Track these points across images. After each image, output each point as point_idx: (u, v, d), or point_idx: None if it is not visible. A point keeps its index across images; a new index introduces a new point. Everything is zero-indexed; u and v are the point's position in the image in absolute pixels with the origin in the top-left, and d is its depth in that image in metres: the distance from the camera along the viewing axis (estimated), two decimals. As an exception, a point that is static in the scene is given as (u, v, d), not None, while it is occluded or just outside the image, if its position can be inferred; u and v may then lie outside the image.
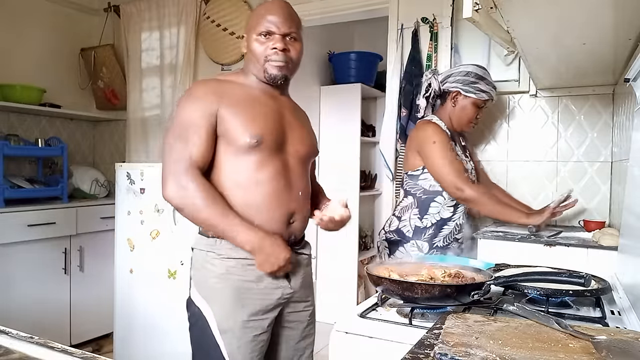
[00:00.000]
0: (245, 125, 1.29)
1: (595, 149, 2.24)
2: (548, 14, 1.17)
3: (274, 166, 1.32)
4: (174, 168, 1.27)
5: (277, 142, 1.34)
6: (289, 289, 1.37)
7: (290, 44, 1.36)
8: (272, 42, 1.33)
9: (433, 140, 1.93)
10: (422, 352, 0.72)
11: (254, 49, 1.35)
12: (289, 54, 1.35)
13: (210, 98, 1.30)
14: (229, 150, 1.31)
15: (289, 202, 1.34)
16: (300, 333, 1.45)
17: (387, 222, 2.11)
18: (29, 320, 2.62)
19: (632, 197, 1.27)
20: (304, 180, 1.42)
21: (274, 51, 1.33)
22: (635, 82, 1.31)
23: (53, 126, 3.43)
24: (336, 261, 3.63)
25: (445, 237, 1.99)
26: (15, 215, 2.65)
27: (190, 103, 1.31)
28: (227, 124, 1.29)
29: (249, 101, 1.34)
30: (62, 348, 0.66)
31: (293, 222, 1.37)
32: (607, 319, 1.01)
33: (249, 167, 1.30)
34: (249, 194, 1.30)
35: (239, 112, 1.30)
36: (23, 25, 3.20)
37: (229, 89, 1.34)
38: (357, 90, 3.52)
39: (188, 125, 1.28)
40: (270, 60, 1.33)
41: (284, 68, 1.35)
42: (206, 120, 1.29)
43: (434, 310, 1.04)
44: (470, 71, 1.99)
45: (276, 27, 1.33)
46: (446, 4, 2.43)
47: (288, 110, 1.42)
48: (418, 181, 1.99)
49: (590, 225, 2.03)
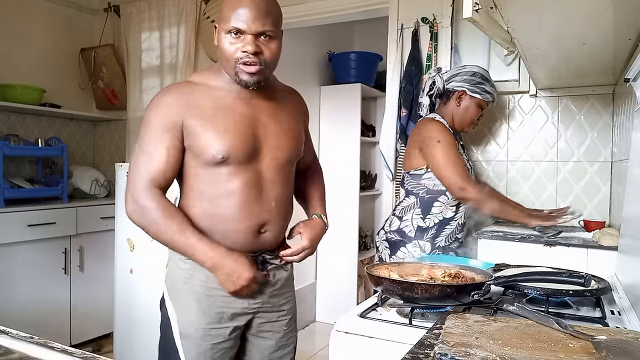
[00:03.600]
0: (211, 140, 1.21)
1: (595, 149, 2.24)
2: (548, 14, 1.16)
3: (245, 177, 1.24)
4: (134, 185, 1.21)
5: (247, 154, 1.24)
6: (255, 300, 1.31)
7: (264, 44, 1.20)
8: (242, 42, 1.19)
9: (437, 140, 1.92)
10: (422, 352, 0.72)
11: (223, 47, 1.22)
12: (263, 57, 1.20)
13: (177, 109, 1.22)
14: (197, 163, 1.24)
15: (259, 213, 1.27)
16: (275, 343, 1.38)
17: (387, 222, 2.10)
18: (29, 320, 2.62)
19: (632, 197, 1.27)
20: (281, 188, 1.32)
21: (244, 54, 1.18)
22: (635, 82, 1.31)
23: (53, 126, 3.43)
24: (336, 261, 3.63)
25: (447, 236, 1.99)
26: (15, 215, 2.65)
27: (155, 113, 1.23)
28: (193, 138, 1.22)
29: (219, 111, 1.24)
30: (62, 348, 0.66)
31: (264, 232, 1.29)
32: (607, 319, 1.01)
33: (217, 179, 1.24)
34: (216, 205, 1.24)
35: (206, 125, 1.22)
36: (23, 25, 3.20)
37: (200, 96, 1.25)
38: (357, 90, 3.52)
39: (151, 138, 1.22)
40: (241, 64, 1.20)
41: (256, 74, 1.21)
42: (170, 134, 1.21)
43: (434, 310, 1.03)
44: (477, 72, 2.00)
45: (247, 25, 1.18)
46: (446, 4, 2.43)
47: (266, 113, 1.30)
48: (421, 180, 1.98)
49: (590, 225, 2.03)
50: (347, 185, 3.57)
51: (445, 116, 2.02)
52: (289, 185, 1.36)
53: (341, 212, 3.57)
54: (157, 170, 1.21)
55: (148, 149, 1.22)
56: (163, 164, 1.22)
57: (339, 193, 3.59)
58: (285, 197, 1.34)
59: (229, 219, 1.24)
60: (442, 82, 2.04)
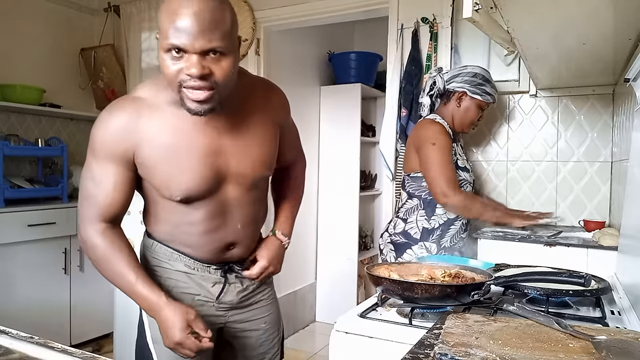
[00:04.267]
0: (167, 181, 1.11)
1: (595, 149, 2.24)
2: (548, 14, 1.16)
3: (207, 209, 1.16)
4: (84, 213, 1.13)
5: (208, 190, 1.14)
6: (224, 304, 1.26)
7: (213, 64, 0.99)
8: (186, 63, 0.97)
9: (432, 142, 1.91)
10: (422, 352, 0.72)
11: (163, 68, 1.01)
12: (214, 78, 1.00)
13: (126, 137, 1.08)
14: (156, 193, 1.16)
15: (225, 236, 1.21)
16: (255, 341, 1.34)
17: (391, 225, 2.08)
18: (29, 320, 2.62)
19: (632, 197, 1.27)
20: (248, 209, 1.23)
21: (188, 77, 0.98)
22: (635, 82, 1.31)
23: (53, 126, 3.43)
24: (336, 261, 3.63)
25: (452, 236, 1.98)
26: (15, 215, 2.65)
27: (102, 140, 1.10)
28: (148, 172, 1.11)
29: (174, 143, 1.09)
30: (62, 348, 0.66)
31: (232, 249, 1.24)
32: (607, 319, 1.01)
33: (177, 210, 1.16)
34: (179, 231, 1.19)
35: (161, 161, 1.09)
36: (23, 25, 3.20)
37: (151, 121, 1.09)
38: (357, 90, 3.52)
39: (98, 166, 1.10)
40: (186, 88, 1.00)
41: (206, 101, 1.01)
42: (118, 165, 1.10)
43: (434, 310, 1.03)
44: (478, 73, 1.99)
45: (189, 41, 0.95)
46: (446, 4, 2.43)
47: (227, 136, 1.14)
48: (423, 182, 1.97)
49: (590, 225, 2.03)
50: (347, 185, 3.57)
51: (446, 117, 2.02)
52: (256, 205, 1.27)
53: (341, 212, 3.57)
54: (106, 203, 1.11)
55: (94, 182, 1.12)
56: (110, 200, 1.11)
57: (339, 193, 3.59)
58: (252, 217, 1.26)
59: (192, 244, 1.20)
60: (442, 82, 2.04)
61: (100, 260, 1.13)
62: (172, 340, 1.09)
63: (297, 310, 3.47)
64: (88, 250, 1.14)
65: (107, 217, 1.13)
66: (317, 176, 3.68)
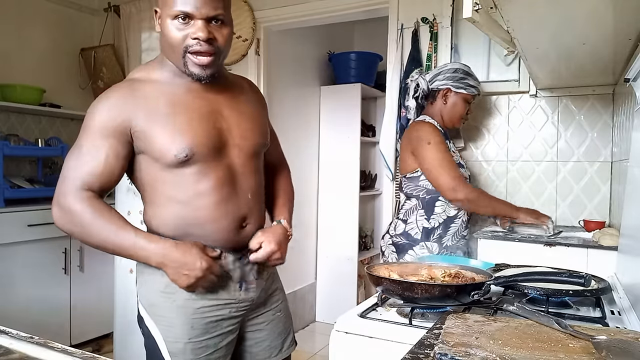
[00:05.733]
0: (169, 142, 1.10)
1: (595, 149, 2.24)
2: (548, 14, 1.16)
3: (216, 174, 1.15)
4: (59, 188, 1.10)
5: (213, 149, 1.14)
6: (246, 301, 1.24)
7: (216, 30, 1.10)
8: (192, 28, 1.07)
9: (427, 141, 1.93)
10: (422, 352, 0.72)
11: (168, 35, 1.09)
12: (216, 44, 1.10)
13: (121, 112, 1.10)
14: (157, 166, 1.13)
15: (238, 208, 1.18)
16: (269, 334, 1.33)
17: (392, 226, 2.09)
18: (29, 320, 2.62)
19: (632, 197, 1.27)
20: (254, 178, 1.23)
21: (195, 41, 1.08)
22: (635, 82, 1.31)
23: (53, 126, 3.43)
24: (336, 261, 3.63)
25: (453, 235, 1.99)
26: (15, 215, 2.65)
27: (95, 117, 1.12)
28: (147, 141, 1.11)
29: (171, 107, 1.12)
30: (62, 348, 0.66)
31: (245, 227, 1.21)
32: (607, 319, 1.01)
33: (183, 181, 1.13)
34: (189, 208, 1.14)
35: (160, 125, 1.10)
36: (23, 25, 3.20)
37: (147, 95, 1.13)
38: (357, 90, 3.52)
39: (86, 143, 1.11)
40: (191, 53, 1.09)
41: (210, 65, 1.11)
42: (112, 140, 1.10)
43: (434, 310, 1.03)
44: (458, 68, 2.02)
45: (197, 8, 1.06)
46: (446, 4, 2.43)
47: (225, 104, 1.20)
48: (419, 182, 1.98)
49: (590, 225, 2.03)
50: (347, 185, 3.57)
51: (435, 116, 2.04)
52: (260, 175, 1.28)
53: (341, 212, 3.57)
54: (90, 173, 1.09)
55: (81, 153, 1.10)
56: (98, 170, 1.09)
57: (339, 193, 3.59)
58: (259, 187, 1.26)
59: (205, 221, 1.15)
60: (425, 83, 2.07)
61: (88, 225, 1.07)
62: (201, 268, 1.09)
63: (297, 310, 3.47)
64: (72, 218, 1.08)
65: (91, 187, 1.09)
66: (317, 176, 3.68)
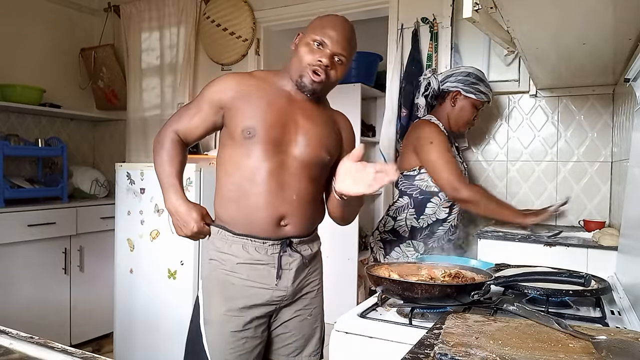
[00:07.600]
0: (242, 117, 1.32)
1: (595, 149, 2.24)
2: (548, 14, 1.17)
3: (269, 165, 1.31)
4: (169, 123, 1.44)
5: (273, 138, 1.32)
6: (280, 291, 1.36)
7: (335, 65, 1.35)
8: (321, 54, 1.33)
9: (430, 141, 1.92)
10: (422, 352, 0.72)
11: (301, 52, 1.36)
12: (330, 73, 1.35)
13: (228, 91, 1.35)
14: (229, 144, 1.36)
15: (278, 204, 1.32)
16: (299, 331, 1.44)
17: (382, 222, 2.09)
18: (29, 320, 2.62)
19: (632, 197, 1.27)
20: (305, 184, 1.36)
21: (318, 63, 1.32)
22: (635, 82, 1.31)
23: (53, 126, 3.43)
24: (336, 261, 3.62)
25: (439, 238, 1.99)
26: (15, 215, 2.65)
27: (209, 88, 1.40)
28: (230, 116, 1.35)
29: (260, 99, 1.34)
30: (62, 348, 0.66)
31: (285, 226, 1.35)
32: (607, 319, 1.01)
33: (244, 163, 1.32)
34: (243, 189, 1.33)
35: (244, 106, 1.33)
36: (23, 25, 3.20)
37: (253, 88, 1.36)
38: (357, 90, 3.51)
39: (193, 105, 1.41)
40: (310, 70, 1.33)
41: (318, 83, 1.34)
42: (209, 107, 1.37)
43: (434, 310, 1.04)
44: (471, 72, 2.01)
45: (331, 42, 1.33)
46: (446, 4, 2.43)
47: (304, 116, 1.38)
48: (414, 181, 1.98)
49: (590, 225, 2.03)
50: (347, 185, 3.56)
51: (441, 117, 2.03)
52: (315, 184, 1.40)
53: (341, 212, 3.56)
54: (183, 127, 1.41)
55: (187, 108, 1.43)
56: (190, 126, 1.40)
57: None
58: (309, 193, 1.38)
59: (251, 205, 1.32)
60: (437, 83, 2.06)
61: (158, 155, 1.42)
62: (190, 229, 1.35)
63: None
64: (157, 144, 1.43)
65: (180, 133, 1.42)
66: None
